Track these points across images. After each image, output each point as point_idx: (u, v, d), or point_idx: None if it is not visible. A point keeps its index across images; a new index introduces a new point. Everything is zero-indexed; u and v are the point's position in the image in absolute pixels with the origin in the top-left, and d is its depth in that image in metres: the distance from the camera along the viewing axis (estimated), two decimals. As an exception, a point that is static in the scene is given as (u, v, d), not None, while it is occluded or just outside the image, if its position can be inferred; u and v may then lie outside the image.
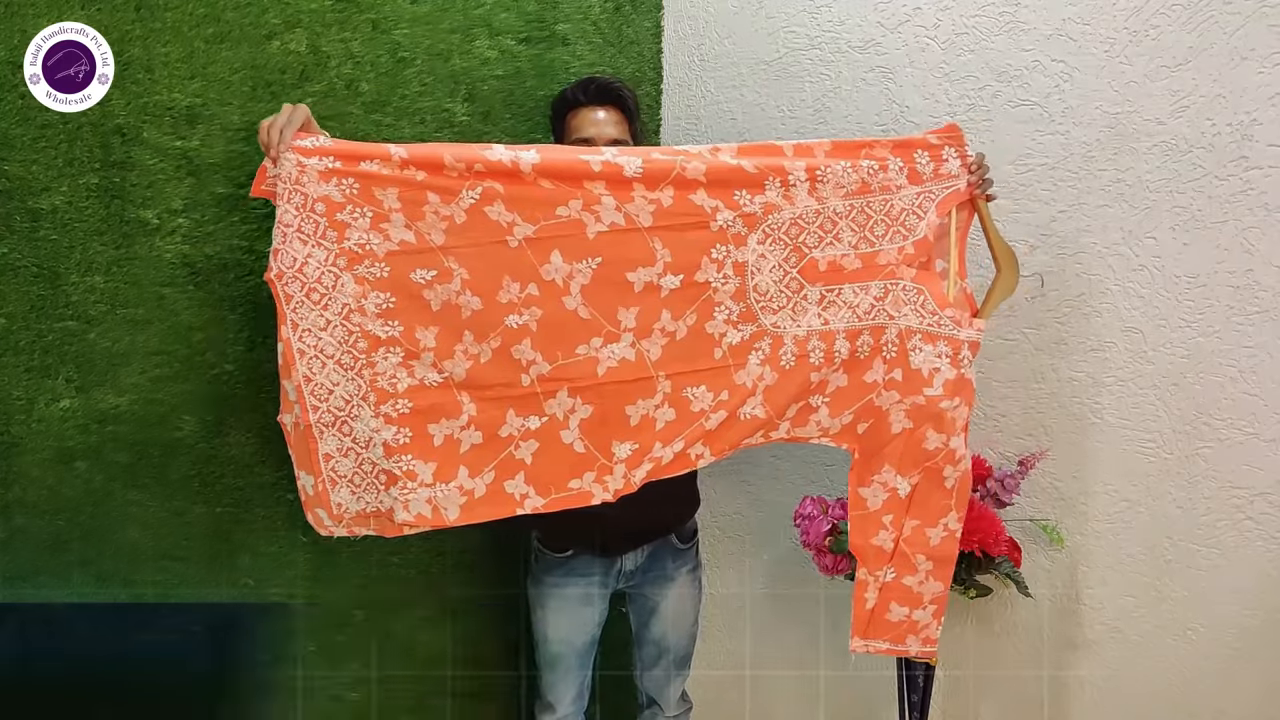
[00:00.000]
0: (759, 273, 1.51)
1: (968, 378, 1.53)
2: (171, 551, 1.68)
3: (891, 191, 1.53)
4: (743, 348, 1.51)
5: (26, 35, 1.50)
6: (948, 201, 1.55)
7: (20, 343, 1.55)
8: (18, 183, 1.52)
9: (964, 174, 1.55)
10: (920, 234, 1.53)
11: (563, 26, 1.93)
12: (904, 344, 1.53)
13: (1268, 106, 1.58)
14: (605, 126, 1.70)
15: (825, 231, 1.52)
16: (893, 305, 1.53)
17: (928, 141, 1.54)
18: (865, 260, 1.53)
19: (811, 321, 1.52)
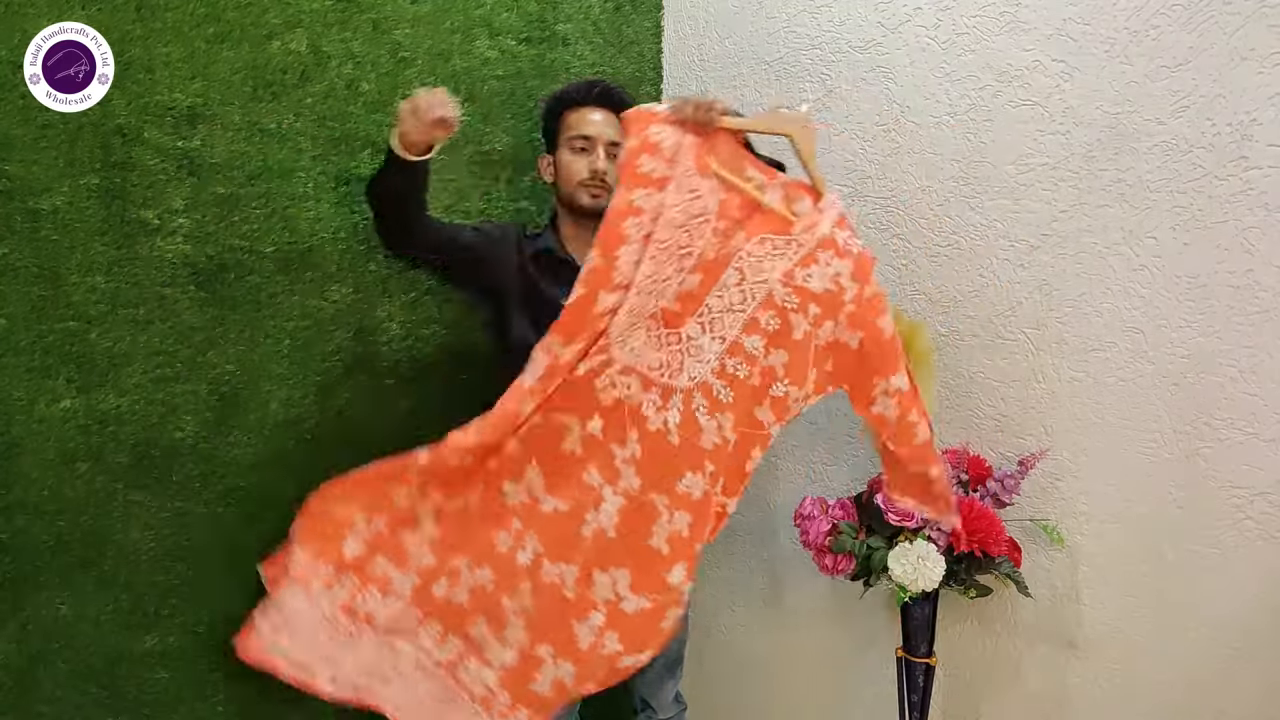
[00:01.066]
0: (641, 358, 1.52)
1: (858, 250, 1.53)
2: (173, 552, 1.68)
3: (661, 208, 1.48)
4: (686, 419, 1.52)
5: (26, 35, 1.50)
6: (694, 162, 1.49)
7: (21, 343, 1.55)
8: (18, 183, 1.52)
9: (681, 133, 1.49)
10: (712, 206, 1.51)
11: (563, 27, 1.94)
12: (795, 284, 1.51)
13: (1268, 106, 1.58)
14: (606, 128, 1.70)
15: (653, 278, 1.50)
16: (755, 273, 1.51)
17: (632, 149, 1.49)
18: (702, 270, 1.52)
19: (713, 348, 1.52)
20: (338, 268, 1.77)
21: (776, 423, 1.55)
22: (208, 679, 1.74)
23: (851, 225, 1.55)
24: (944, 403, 1.86)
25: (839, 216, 1.53)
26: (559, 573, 1.51)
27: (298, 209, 1.72)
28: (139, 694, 1.68)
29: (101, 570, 1.64)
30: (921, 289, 1.89)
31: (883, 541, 1.73)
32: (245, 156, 1.66)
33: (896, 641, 1.86)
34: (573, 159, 1.71)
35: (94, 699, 1.66)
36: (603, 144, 1.70)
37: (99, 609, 1.65)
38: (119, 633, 1.66)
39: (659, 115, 1.50)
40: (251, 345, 1.71)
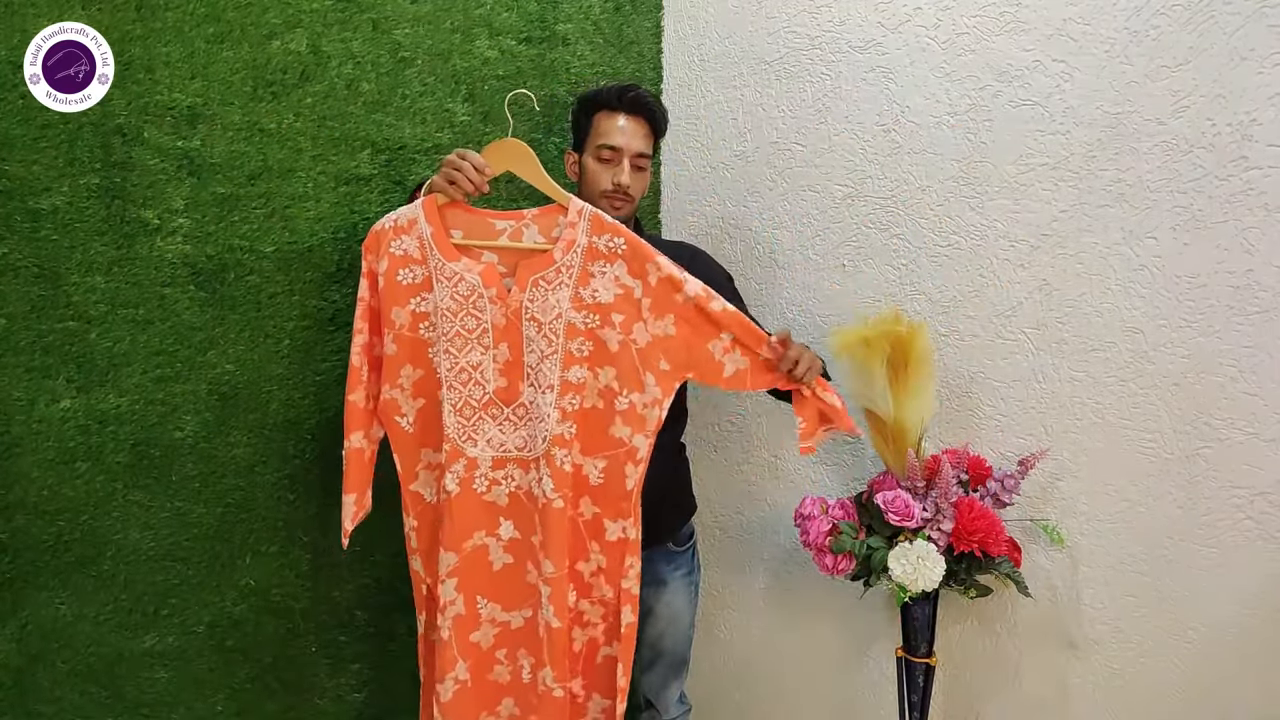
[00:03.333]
0: (506, 444, 1.55)
1: (624, 246, 1.51)
2: (173, 552, 1.68)
3: (437, 306, 1.51)
4: (557, 476, 1.52)
5: (26, 35, 1.50)
6: (440, 251, 1.51)
7: (21, 343, 1.55)
8: (18, 183, 1.52)
9: (417, 231, 1.51)
10: (475, 280, 1.50)
11: (563, 26, 1.94)
12: (587, 304, 1.52)
13: (1268, 106, 1.58)
14: (634, 139, 1.67)
15: (461, 369, 1.53)
16: (546, 313, 1.51)
17: (386, 272, 1.52)
18: (503, 339, 1.52)
19: (548, 400, 1.52)
20: (338, 268, 1.77)
21: (639, 433, 1.55)
22: (207, 679, 1.74)
23: (610, 223, 1.52)
24: (944, 403, 1.86)
25: (592, 221, 1.52)
26: (544, 675, 1.55)
27: (298, 209, 1.72)
28: (138, 694, 1.68)
29: (101, 570, 1.64)
30: (921, 289, 1.89)
31: (883, 541, 1.72)
32: (245, 156, 1.66)
33: (896, 641, 1.86)
34: (598, 168, 1.68)
35: (93, 698, 1.66)
36: (629, 156, 1.67)
37: (98, 609, 1.65)
38: (118, 632, 1.66)
39: (387, 229, 1.51)
40: (251, 345, 1.71)
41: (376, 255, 1.52)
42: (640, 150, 1.68)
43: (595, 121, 1.69)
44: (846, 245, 1.97)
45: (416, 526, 1.60)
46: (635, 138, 1.67)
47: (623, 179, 1.66)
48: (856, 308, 1.91)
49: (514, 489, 1.55)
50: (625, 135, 1.67)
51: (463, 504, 1.53)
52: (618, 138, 1.66)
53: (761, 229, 2.06)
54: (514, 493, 1.55)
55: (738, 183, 2.08)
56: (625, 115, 1.68)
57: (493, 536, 1.56)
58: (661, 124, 1.73)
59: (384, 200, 1.79)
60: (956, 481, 1.73)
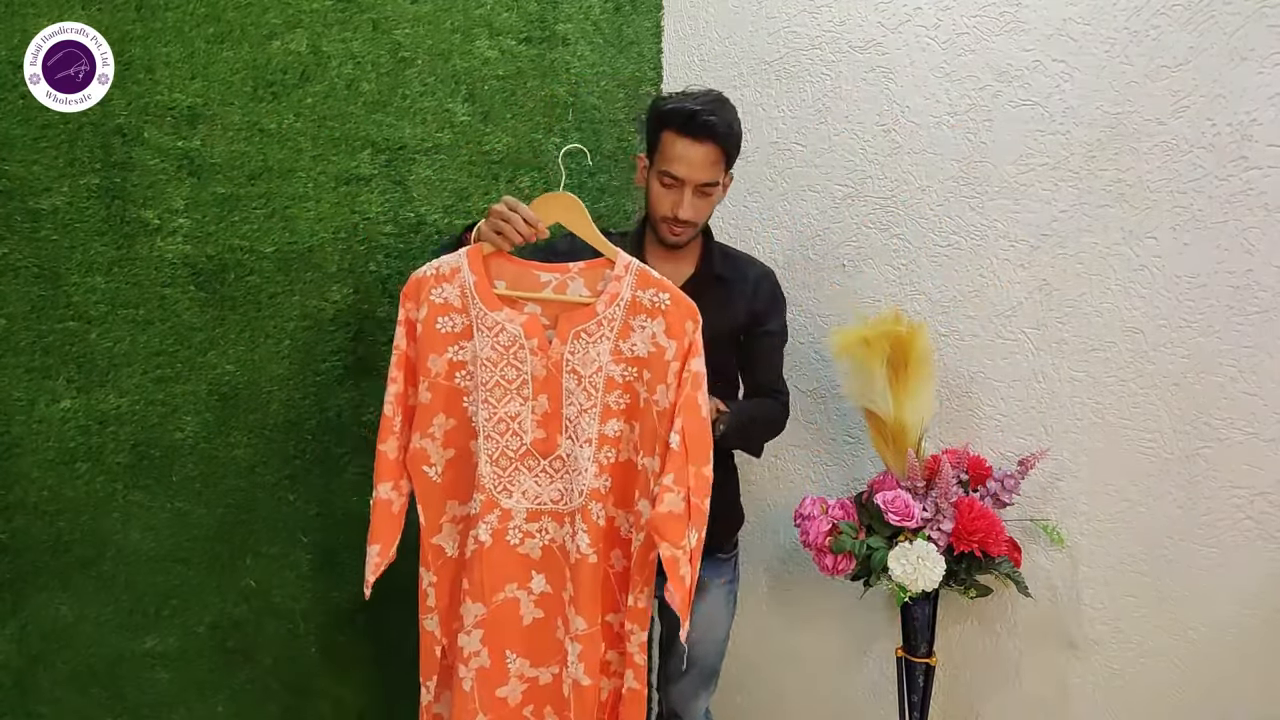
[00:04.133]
0: (541, 496, 1.51)
1: (668, 304, 1.46)
2: (173, 553, 1.68)
3: (476, 355, 1.48)
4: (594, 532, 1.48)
5: (26, 35, 1.50)
6: (483, 300, 1.47)
7: (21, 343, 1.54)
8: (18, 183, 1.52)
9: (460, 280, 1.48)
10: (517, 331, 1.47)
11: (563, 26, 1.94)
12: (626, 357, 1.48)
13: (1268, 106, 1.58)
14: (699, 169, 1.56)
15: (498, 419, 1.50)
16: (587, 365, 1.47)
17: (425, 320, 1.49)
18: (544, 390, 1.48)
19: (586, 454, 1.48)
20: (338, 268, 1.76)
21: (645, 498, 1.48)
22: (207, 679, 1.74)
23: (658, 279, 1.48)
24: (944, 403, 1.86)
25: (638, 276, 1.48)
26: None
27: (298, 209, 1.72)
28: (139, 694, 1.68)
29: (101, 571, 1.64)
30: (921, 289, 1.90)
31: (883, 541, 1.72)
32: (245, 156, 1.66)
33: (896, 641, 1.86)
34: (661, 192, 1.60)
35: (94, 699, 1.65)
36: (692, 186, 1.57)
37: (99, 609, 1.64)
38: (119, 633, 1.66)
39: (429, 276, 1.48)
40: (251, 345, 1.71)
41: (416, 303, 1.49)
42: (705, 180, 1.57)
43: (662, 141, 1.58)
44: (846, 245, 1.97)
45: (436, 583, 1.55)
46: (701, 168, 1.56)
47: (684, 212, 1.58)
48: (856, 308, 1.91)
49: (548, 541, 1.51)
50: (689, 165, 1.55)
51: (495, 556, 1.49)
52: (681, 167, 1.56)
53: (761, 229, 2.06)
54: (547, 545, 1.51)
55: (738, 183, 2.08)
56: (692, 141, 1.55)
57: (524, 590, 1.52)
58: (733, 149, 1.61)
59: (384, 200, 1.79)
60: (956, 481, 1.73)
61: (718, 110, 1.57)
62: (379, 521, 1.51)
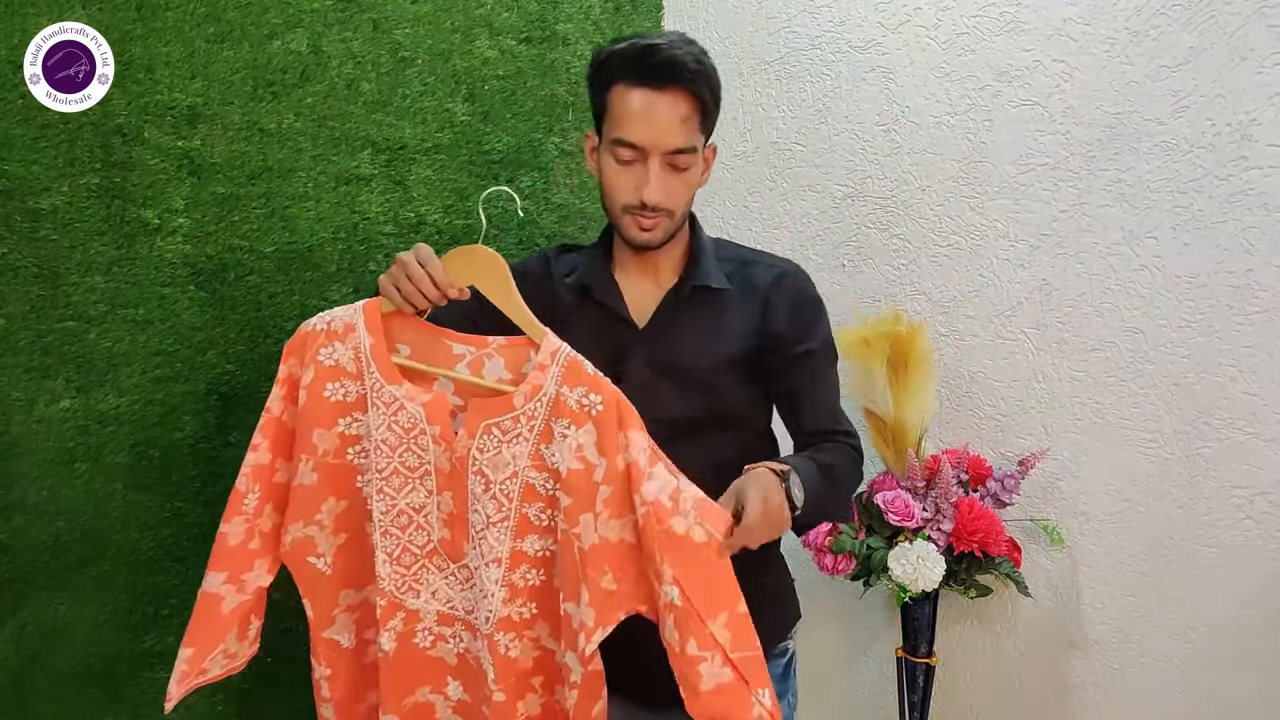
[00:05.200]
0: (453, 601, 1.27)
1: (600, 407, 1.12)
2: (172, 552, 1.68)
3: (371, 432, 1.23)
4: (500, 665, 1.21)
5: (26, 35, 1.50)
6: (379, 369, 1.21)
7: (20, 343, 1.54)
8: (18, 183, 1.52)
9: (353, 339, 1.23)
10: (418, 413, 1.20)
11: (563, 26, 1.93)
12: (548, 466, 1.17)
13: (1267, 106, 1.58)
14: (665, 130, 1.14)
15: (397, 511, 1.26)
16: (498, 469, 1.17)
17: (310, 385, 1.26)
18: (448, 487, 1.21)
19: (492, 575, 1.19)
20: (338, 268, 1.76)
21: (570, 650, 1.17)
22: (207, 679, 1.73)
23: (592, 375, 1.14)
24: (944, 403, 1.86)
25: (564, 368, 1.14)
26: None
27: (298, 209, 1.71)
28: (138, 694, 1.68)
29: (100, 570, 1.63)
30: (921, 289, 1.89)
31: (883, 541, 1.72)
32: (245, 156, 1.66)
33: (896, 641, 1.86)
34: (616, 172, 1.20)
35: (92, 699, 1.65)
36: (658, 156, 1.16)
37: (98, 609, 1.64)
38: (118, 633, 1.66)
39: (319, 331, 1.24)
40: (251, 345, 1.70)
41: (300, 360, 1.24)
42: (676, 145, 1.16)
43: (611, 100, 1.19)
44: (846, 245, 1.97)
45: (330, 676, 1.30)
46: (667, 127, 1.14)
47: (650, 195, 1.18)
48: (856, 308, 1.91)
49: (462, 650, 1.26)
50: (651, 124, 1.14)
51: (401, 661, 1.25)
52: (640, 129, 1.15)
53: (761, 229, 2.06)
54: (463, 654, 1.26)
55: (738, 183, 2.08)
56: (651, 89, 1.14)
57: (439, 694, 1.28)
58: (708, 97, 1.18)
59: (384, 200, 1.78)
60: (956, 481, 1.73)
61: (680, 45, 1.16)
62: (200, 618, 1.25)
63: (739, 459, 1.19)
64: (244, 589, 1.29)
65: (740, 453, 1.22)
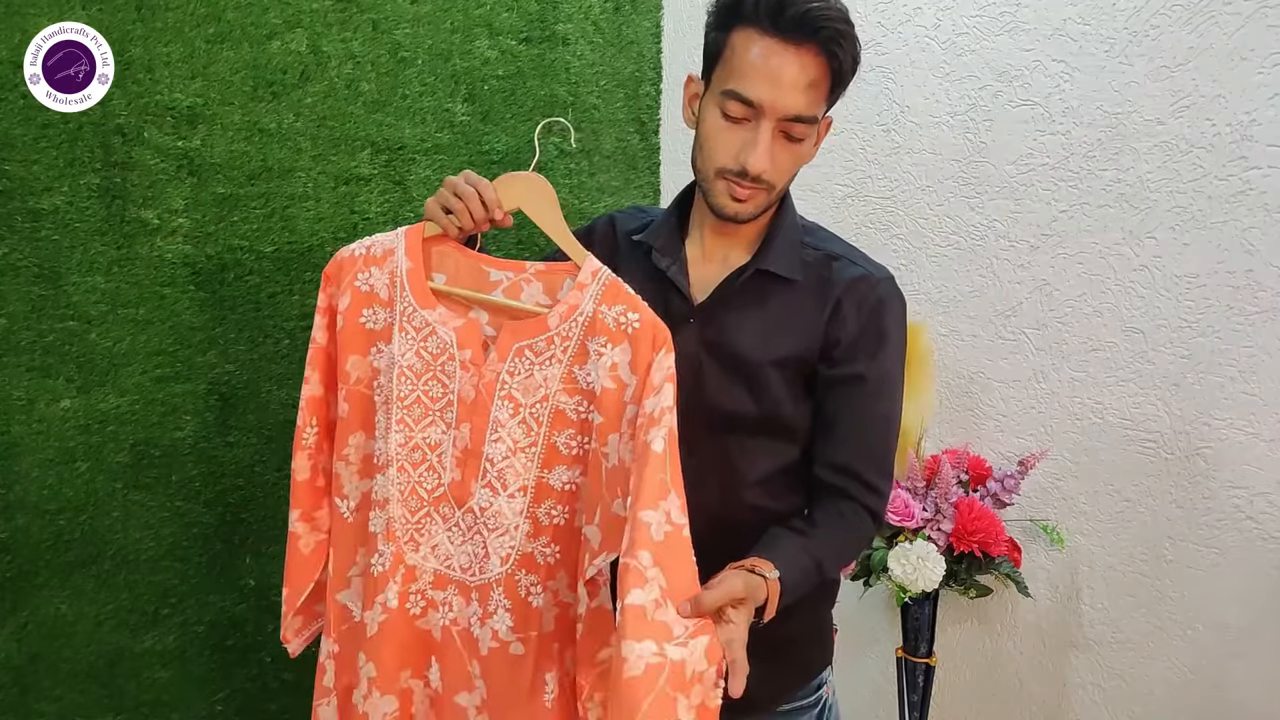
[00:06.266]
0: (451, 559, 1.18)
1: (637, 327, 1.09)
2: (172, 552, 1.68)
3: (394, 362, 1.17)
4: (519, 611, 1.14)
5: (27, 35, 1.50)
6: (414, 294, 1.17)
7: (21, 343, 1.55)
8: (18, 183, 1.52)
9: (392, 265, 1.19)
10: (449, 337, 1.15)
11: (563, 26, 1.93)
12: (580, 387, 1.13)
13: (1267, 106, 1.58)
14: (789, 90, 1.02)
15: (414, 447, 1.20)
16: (529, 393, 1.12)
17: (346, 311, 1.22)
18: (468, 418, 1.15)
19: (513, 508, 1.13)
20: (338, 267, 1.76)
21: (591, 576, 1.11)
22: (207, 678, 1.74)
23: (630, 294, 1.11)
24: (944, 403, 1.86)
25: (605, 288, 1.12)
26: None
27: (298, 209, 1.72)
28: (139, 693, 1.68)
29: (101, 570, 1.64)
30: (921, 289, 1.89)
31: (883, 541, 1.72)
32: (245, 156, 1.66)
33: (896, 641, 1.86)
34: (720, 130, 1.08)
35: (94, 698, 1.65)
36: (773, 119, 1.04)
37: (98, 608, 1.64)
38: (119, 632, 1.66)
39: (357, 257, 1.21)
40: (251, 345, 1.71)
41: (338, 287, 1.21)
42: (798, 111, 1.04)
43: (731, 42, 1.06)
44: (846, 245, 1.97)
45: (337, 654, 1.21)
46: (792, 88, 1.02)
47: (754, 160, 1.05)
48: (856, 308, 1.91)
49: (448, 622, 1.15)
50: (773, 81, 1.01)
51: (395, 630, 1.16)
52: (759, 85, 1.02)
53: (761, 229, 2.06)
54: (447, 628, 1.15)
55: (738, 183, 2.07)
56: (783, 42, 1.02)
57: (419, 679, 1.18)
58: (847, 64, 1.06)
59: (384, 200, 1.79)
60: (956, 481, 1.73)
61: (828, 3, 1.03)
62: (289, 559, 1.25)
63: (785, 479, 1.14)
64: (318, 527, 1.25)
65: (784, 471, 1.15)
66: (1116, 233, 1.71)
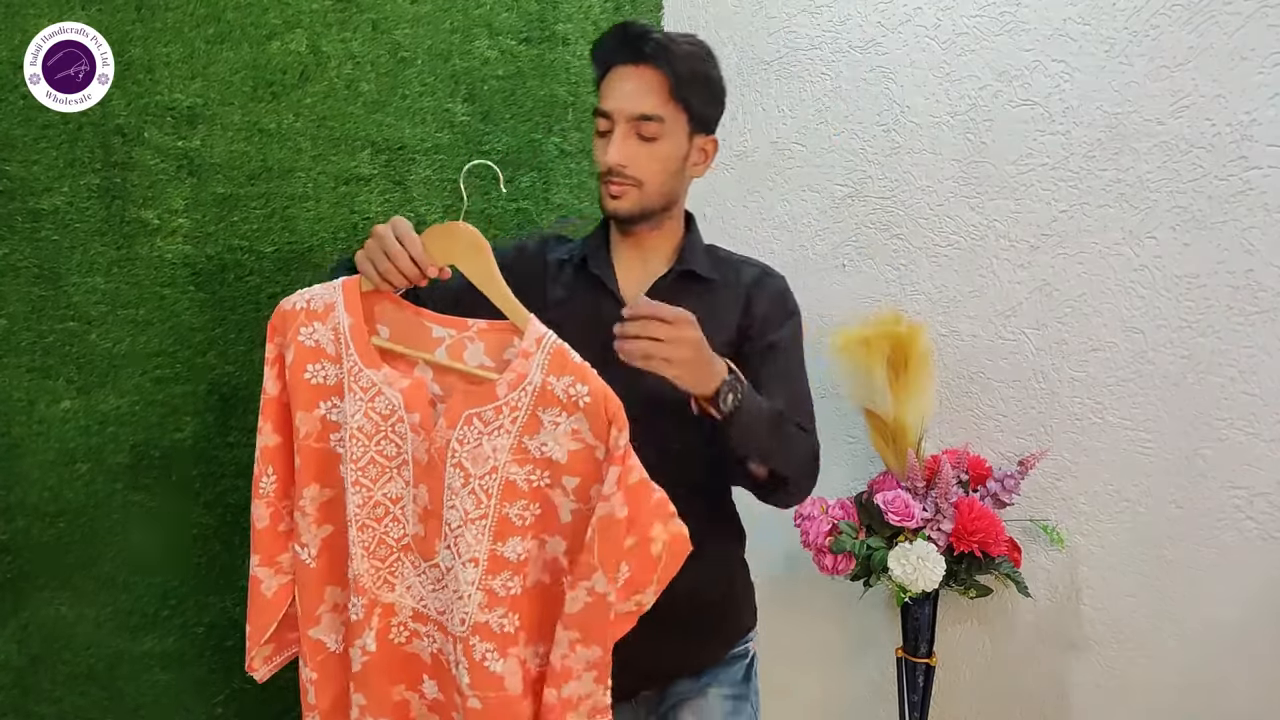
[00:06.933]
0: (426, 600, 1.22)
1: (588, 396, 1.09)
2: (173, 553, 1.68)
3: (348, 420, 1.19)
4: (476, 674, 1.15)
5: (27, 35, 1.50)
6: (359, 353, 1.18)
7: (21, 343, 1.54)
8: (18, 183, 1.52)
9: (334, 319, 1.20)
10: (396, 400, 1.17)
11: (563, 26, 1.93)
12: (534, 458, 1.13)
13: (1267, 106, 1.58)
14: (629, 97, 1.24)
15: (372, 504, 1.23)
16: (478, 463, 1.12)
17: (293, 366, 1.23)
18: (424, 479, 1.17)
19: (469, 576, 1.14)
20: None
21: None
22: (207, 680, 1.73)
23: (578, 364, 1.11)
24: (944, 403, 1.86)
25: (550, 356, 1.11)
26: None
27: (298, 209, 1.71)
28: (139, 695, 1.68)
29: (101, 571, 1.64)
30: (921, 289, 1.89)
31: (883, 541, 1.73)
32: (245, 156, 1.66)
33: (896, 641, 1.86)
34: (595, 144, 1.30)
35: (94, 700, 1.65)
36: (623, 120, 1.25)
37: (99, 610, 1.64)
38: (119, 634, 1.66)
39: (299, 310, 1.21)
40: (252, 345, 1.70)
41: (284, 340, 1.21)
42: (639, 112, 1.24)
43: (600, 83, 1.31)
44: (846, 245, 1.97)
45: (316, 680, 1.26)
46: (632, 95, 1.24)
47: (610, 154, 1.25)
48: (856, 308, 1.91)
49: (435, 650, 1.21)
50: (618, 93, 1.25)
51: (382, 661, 1.20)
52: (608, 98, 1.26)
53: (761, 229, 2.06)
54: (436, 653, 1.21)
55: (738, 183, 2.08)
56: (624, 65, 1.26)
57: (415, 692, 1.23)
58: (682, 72, 1.26)
59: (384, 200, 1.79)
60: (956, 481, 1.73)
61: (657, 29, 1.28)
62: (251, 601, 1.27)
63: (707, 446, 1.29)
64: (281, 570, 1.27)
65: (708, 441, 1.28)
66: (1116, 233, 1.71)
